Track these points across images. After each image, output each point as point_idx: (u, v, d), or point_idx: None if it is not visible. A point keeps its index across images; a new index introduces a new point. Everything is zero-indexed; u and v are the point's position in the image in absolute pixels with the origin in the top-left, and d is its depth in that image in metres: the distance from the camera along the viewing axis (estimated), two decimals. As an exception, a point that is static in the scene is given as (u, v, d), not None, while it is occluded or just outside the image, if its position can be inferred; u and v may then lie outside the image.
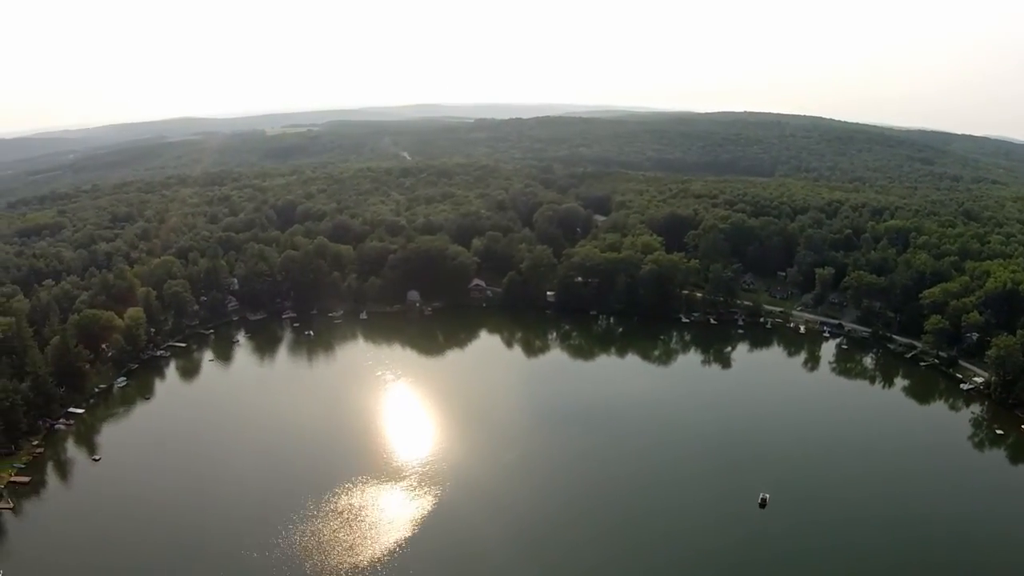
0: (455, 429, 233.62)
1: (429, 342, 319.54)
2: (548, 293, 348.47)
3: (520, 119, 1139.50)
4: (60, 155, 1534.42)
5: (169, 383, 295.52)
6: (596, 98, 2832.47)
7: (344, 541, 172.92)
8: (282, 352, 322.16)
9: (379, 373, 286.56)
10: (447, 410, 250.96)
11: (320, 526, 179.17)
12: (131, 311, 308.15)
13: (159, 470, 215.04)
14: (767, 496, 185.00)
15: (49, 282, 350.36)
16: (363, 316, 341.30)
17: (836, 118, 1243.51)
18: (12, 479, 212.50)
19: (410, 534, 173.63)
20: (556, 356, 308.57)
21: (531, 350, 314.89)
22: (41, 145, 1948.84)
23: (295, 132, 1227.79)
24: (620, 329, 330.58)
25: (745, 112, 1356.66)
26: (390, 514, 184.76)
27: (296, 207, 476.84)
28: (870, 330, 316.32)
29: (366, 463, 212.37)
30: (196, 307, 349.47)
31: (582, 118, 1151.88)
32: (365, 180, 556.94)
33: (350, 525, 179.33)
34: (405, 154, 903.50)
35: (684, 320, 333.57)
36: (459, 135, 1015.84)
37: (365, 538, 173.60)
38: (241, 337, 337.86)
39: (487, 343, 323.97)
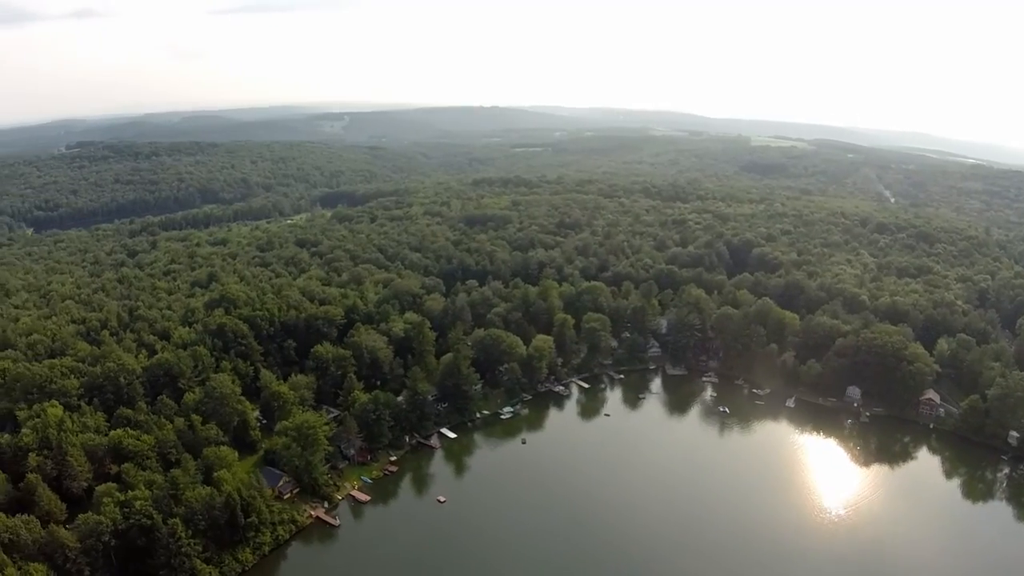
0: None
1: (856, 450, 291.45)
2: (1011, 433, 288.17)
3: (1021, 171, 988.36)
4: (546, 131, 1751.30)
5: (559, 425, 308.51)
6: None
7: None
8: (690, 421, 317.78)
9: (793, 475, 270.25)
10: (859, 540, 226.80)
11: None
12: (539, 339, 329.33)
13: (514, 522, 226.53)
14: None
15: (472, 283, 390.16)
16: (790, 403, 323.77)
17: None
18: (353, 492, 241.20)
19: None
20: (998, 509, 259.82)
21: (971, 493, 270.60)
22: (534, 118, 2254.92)
23: (779, 146, 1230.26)
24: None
25: None
26: None
27: (752, 249, 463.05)
28: None
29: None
30: (614, 344, 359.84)
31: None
32: (835, 228, 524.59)
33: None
34: (887, 193, 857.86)
35: None
36: (951, 181, 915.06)
37: None
38: (654, 390, 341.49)
39: (921, 469, 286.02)
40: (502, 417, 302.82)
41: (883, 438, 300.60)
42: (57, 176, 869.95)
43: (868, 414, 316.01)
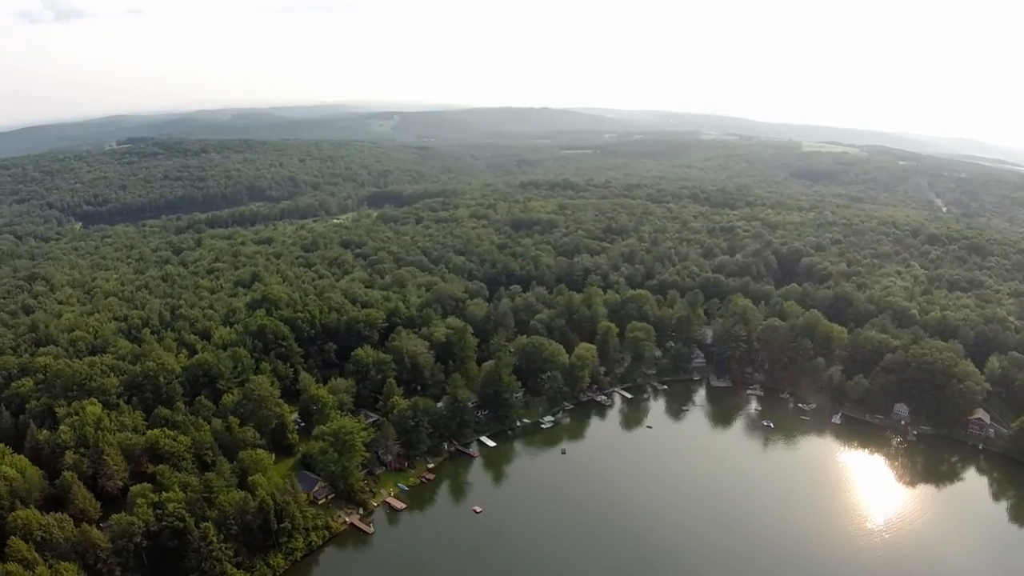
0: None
1: (902, 470, 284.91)
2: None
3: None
4: (596, 134, 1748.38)
5: (600, 436, 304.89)
6: None
7: None
8: (733, 435, 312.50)
9: (837, 493, 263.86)
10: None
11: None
12: (581, 347, 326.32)
13: (550, 536, 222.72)
14: None
15: (516, 288, 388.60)
16: (836, 419, 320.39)
17: None
18: (389, 499, 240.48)
19: None
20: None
21: (1020, 517, 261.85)
22: (584, 120, 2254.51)
23: (830, 151, 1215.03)
24: None
25: None
26: None
27: (800, 258, 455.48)
28: None
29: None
30: (658, 354, 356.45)
31: None
32: (886, 238, 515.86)
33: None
34: (939, 202, 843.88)
35: None
36: (1004, 190, 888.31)
37: None
38: (697, 401, 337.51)
39: (969, 491, 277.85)
40: (543, 426, 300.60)
41: (930, 458, 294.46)
42: (107, 171, 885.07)
43: (915, 432, 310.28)
